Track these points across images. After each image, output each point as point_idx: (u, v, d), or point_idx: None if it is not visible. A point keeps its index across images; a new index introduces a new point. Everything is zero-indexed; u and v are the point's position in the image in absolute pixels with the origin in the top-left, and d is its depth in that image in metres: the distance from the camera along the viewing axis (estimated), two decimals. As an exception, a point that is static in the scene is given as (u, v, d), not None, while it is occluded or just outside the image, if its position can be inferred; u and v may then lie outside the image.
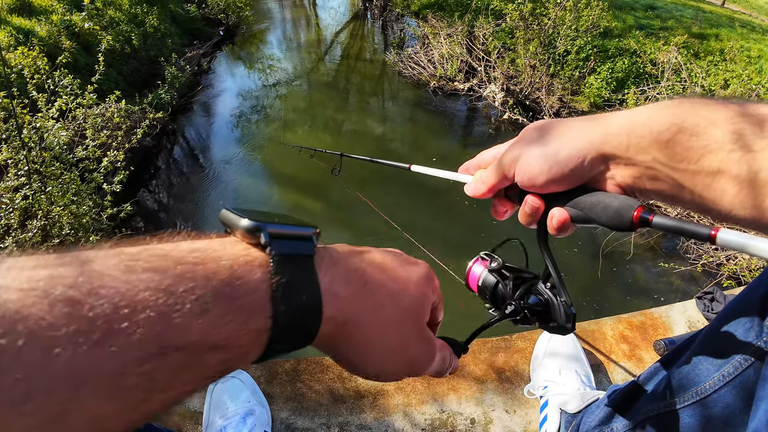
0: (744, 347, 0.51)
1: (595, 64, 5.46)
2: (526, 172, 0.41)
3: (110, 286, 0.20)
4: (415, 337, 0.34)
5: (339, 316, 0.28)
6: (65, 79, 3.10)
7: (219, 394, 0.93)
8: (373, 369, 0.33)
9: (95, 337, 0.18)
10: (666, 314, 1.23)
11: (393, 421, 0.96)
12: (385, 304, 0.31)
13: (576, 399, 0.88)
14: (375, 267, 0.32)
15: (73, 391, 0.18)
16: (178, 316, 0.21)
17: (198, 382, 0.22)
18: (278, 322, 0.25)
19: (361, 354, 0.31)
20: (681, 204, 0.38)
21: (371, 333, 0.31)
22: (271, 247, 0.26)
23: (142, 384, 0.20)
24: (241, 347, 0.23)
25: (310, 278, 0.27)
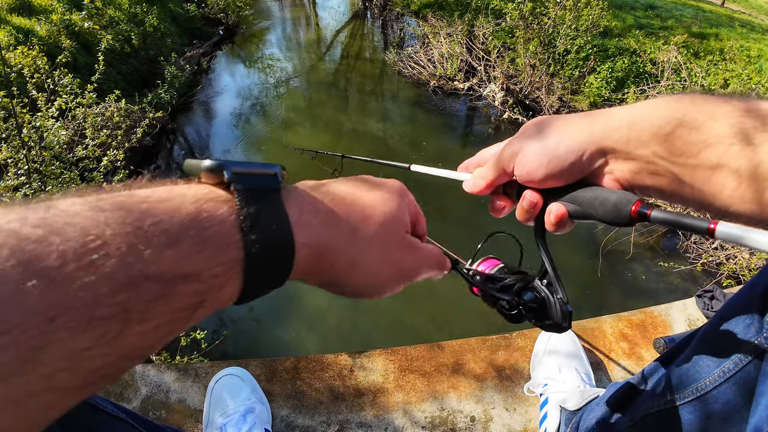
0: (744, 344, 0.51)
1: (595, 63, 5.46)
2: (525, 166, 0.41)
3: (78, 222, 0.20)
4: (398, 247, 0.35)
5: (312, 244, 0.29)
6: (65, 79, 3.10)
7: (219, 391, 0.93)
8: (369, 287, 0.34)
9: (67, 270, 0.19)
10: (666, 312, 1.23)
11: (393, 418, 0.96)
12: (358, 224, 0.32)
13: (576, 396, 0.88)
14: (342, 194, 0.33)
15: (47, 322, 0.18)
16: (146, 248, 0.21)
17: (173, 315, 0.22)
18: (250, 251, 0.25)
19: (351, 276, 0.32)
20: (680, 200, 0.38)
21: (352, 254, 0.31)
22: (235, 182, 0.26)
23: (117, 314, 0.20)
24: (215, 278, 0.23)
25: (278, 208, 0.27)
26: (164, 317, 0.22)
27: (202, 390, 0.99)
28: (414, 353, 1.09)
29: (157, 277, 0.21)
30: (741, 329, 0.51)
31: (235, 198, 0.25)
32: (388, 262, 0.34)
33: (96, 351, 0.19)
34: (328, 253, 0.30)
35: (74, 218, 0.20)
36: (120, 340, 0.20)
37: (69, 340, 0.18)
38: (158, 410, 0.96)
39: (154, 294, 0.21)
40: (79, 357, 0.19)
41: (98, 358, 0.20)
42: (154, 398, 0.98)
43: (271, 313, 2.97)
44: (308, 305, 3.06)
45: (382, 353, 1.09)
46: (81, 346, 0.19)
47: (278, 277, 0.28)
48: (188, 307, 0.23)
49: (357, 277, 0.33)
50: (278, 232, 0.26)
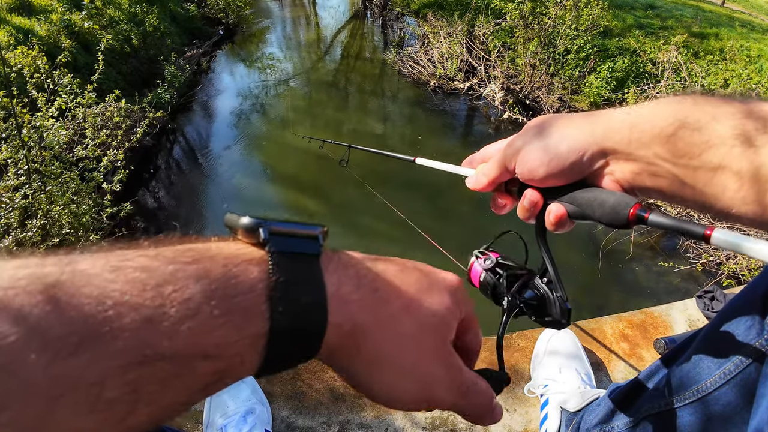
0: (745, 345, 0.51)
1: (595, 63, 5.46)
2: (526, 165, 0.41)
3: (95, 285, 0.18)
4: (432, 357, 0.29)
5: (346, 324, 0.25)
6: (65, 79, 3.10)
7: (219, 392, 0.93)
8: (384, 390, 0.28)
9: (75, 342, 0.17)
10: (666, 313, 1.23)
11: (393, 419, 0.96)
12: (398, 315, 0.27)
13: (576, 397, 0.88)
14: (391, 274, 0.29)
15: (51, 402, 0.16)
16: (164, 320, 0.19)
17: (188, 396, 0.20)
18: (276, 325, 0.22)
19: (370, 371, 0.27)
20: (682, 201, 0.38)
21: (381, 347, 0.27)
22: (271, 243, 0.24)
23: (125, 396, 0.18)
24: (236, 356, 0.21)
25: (314, 278, 0.24)
26: (177, 399, 0.20)
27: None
28: (414, 354, 1.09)
29: (172, 356, 0.19)
30: (742, 331, 0.51)
31: (268, 260, 0.23)
32: (413, 370, 0.28)
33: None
34: (359, 336, 0.26)
35: (92, 280, 0.18)
36: (127, 423, 0.18)
37: (73, 420, 0.17)
38: (158, 411, 0.96)
39: (168, 374, 0.19)
40: None
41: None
42: (154, 399, 0.98)
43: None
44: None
45: (382, 354, 1.09)
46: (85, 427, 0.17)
47: (303, 355, 0.24)
48: (204, 388, 0.21)
49: (377, 374, 0.27)
50: (310, 305, 0.23)
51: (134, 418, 0.19)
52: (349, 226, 3.75)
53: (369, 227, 3.69)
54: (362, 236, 3.61)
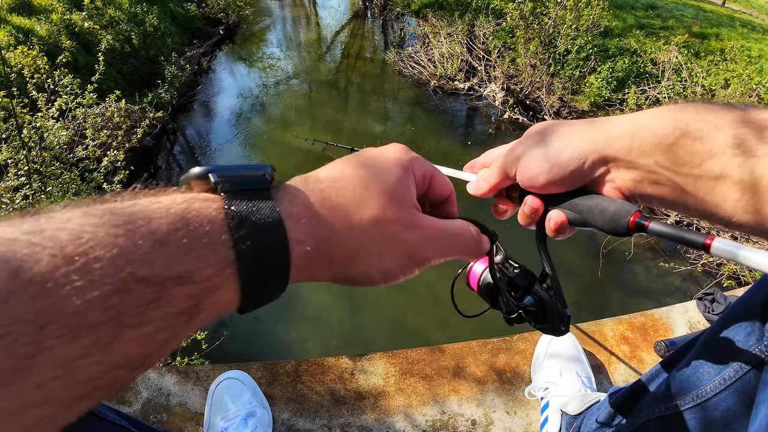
0: (745, 351, 0.51)
1: (596, 63, 5.46)
2: (527, 172, 0.41)
3: (70, 228, 0.20)
4: (402, 226, 0.31)
5: (308, 239, 0.27)
6: (65, 79, 3.10)
7: (220, 395, 0.94)
8: (376, 274, 0.31)
9: (57, 275, 0.18)
10: (667, 315, 1.23)
11: (394, 422, 0.97)
12: (350, 211, 0.29)
13: (577, 400, 0.88)
14: (332, 179, 0.31)
15: (38, 330, 0.17)
16: (136, 249, 0.21)
17: (168, 321, 0.21)
18: (240, 249, 0.24)
19: (354, 267, 0.30)
20: (683, 210, 0.38)
21: (350, 243, 0.29)
22: (221, 185, 0.26)
23: (109, 320, 0.19)
24: (207, 279, 0.23)
25: (266, 206, 0.26)
26: (158, 322, 0.21)
27: (203, 393, 0.99)
28: (415, 356, 1.10)
29: (147, 279, 0.21)
30: (741, 337, 0.52)
31: (222, 198, 0.25)
32: (390, 245, 0.31)
33: (90, 359, 0.19)
34: (326, 244, 0.28)
35: (66, 224, 0.20)
36: (114, 348, 0.20)
37: (60, 347, 0.18)
38: (159, 413, 0.96)
39: (146, 297, 0.21)
40: (73, 365, 0.18)
41: (92, 366, 0.19)
42: (154, 401, 0.98)
43: (271, 315, 2.98)
44: (308, 307, 3.07)
45: (382, 356, 1.09)
46: (73, 354, 0.18)
47: (277, 277, 0.26)
48: (182, 312, 0.22)
49: (361, 267, 0.30)
50: (268, 228, 0.25)
51: (121, 344, 0.20)
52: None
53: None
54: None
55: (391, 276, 0.32)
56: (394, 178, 0.32)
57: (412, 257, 0.32)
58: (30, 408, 0.18)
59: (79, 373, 0.19)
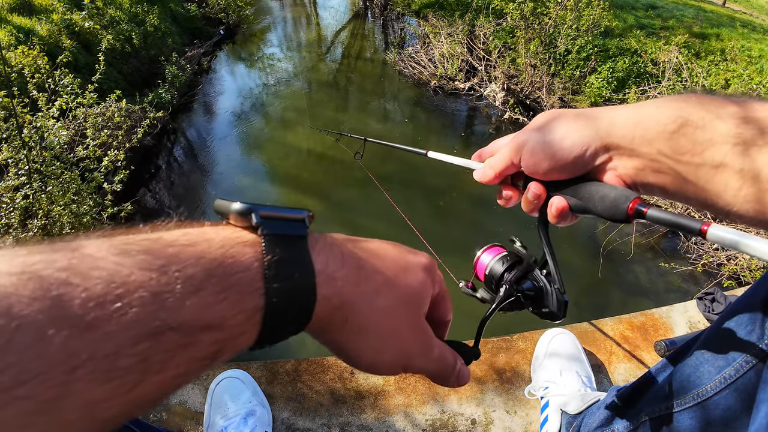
0: (745, 350, 0.51)
1: (596, 63, 5.45)
2: (530, 159, 0.41)
3: (103, 267, 0.20)
4: (408, 326, 0.32)
5: (334, 298, 0.27)
6: (66, 79, 3.10)
7: (220, 394, 0.93)
8: (368, 357, 0.31)
9: (89, 319, 0.18)
10: (667, 315, 1.23)
11: (394, 421, 0.97)
12: (380, 289, 0.30)
13: (577, 400, 0.88)
14: (371, 253, 0.32)
15: (68, 373, 0.17)
16: (170, 296, 0.21)
17: (192, 365, 0.22)
18: (271, 300, 0.24)
19: (356, 341, 0.30)
20: (684, 199, 0.38)
21: (366, 318, 0.30)
22: (263, 227, 0.25)
23: (137, 365, 0.19)
24: (235, 327, 0.23)
25: (303, 257, 0.26)
26: (183, 367, 0.21)
27: (203, 392, 0.99)
28: (414, 355, 1.09)
29: (178, 327, 0.21)
30: (742, 335, 0.52)
31: (261, 242, 0.25)
32: (396, 337, 0.32)
33: (113, 402, 0.19)
34: (346, 309, 0.29)
35: (100, 263, 0.20)
36: (138, 391, 0.20)
37: (88, 391, 0.18)
38: (159, 412, 0.96)
39: (175, 344, 0.21)
40: (97, 408, 0.18)
41: (115, 408, 0.19)
42: (154, 400, 0.98)
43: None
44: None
45: (382, 355, 1.09)
46: (99, 397, 0.18)
47: (296, 327, 0.27)
48: (207, 357, 0.22)
49: (362, 342, 0.31)
50: (301, 281, 0.26)
51: (144, 387, 0.20)
52: (349, 225, 3.75)
53: (369, 227, 3.69)
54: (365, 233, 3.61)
55: (379, 363, 0.32)
56: (420, 282, 0.33)
57: (406, 357, 0.33)
58: None
59: (100, 414, 0.19)
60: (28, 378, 0.16)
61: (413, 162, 4.26)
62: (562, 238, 3.63)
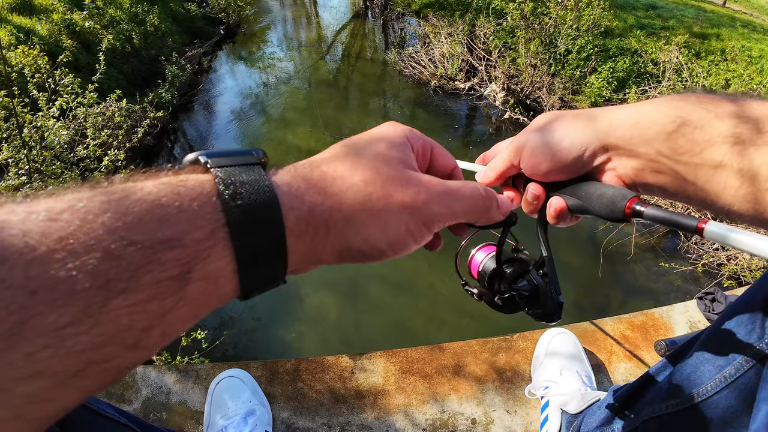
0: (745, 349, 0.51)
1: (596, 63, 5.45)
2: (530, 160, 0.42)
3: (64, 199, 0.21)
4: (396, 184, 0.29)
5: (300, 205, 0.26)
6: (66, 78, 3.10)
7: (220, 393, 0.93)
8: (381, 240, 0.29)
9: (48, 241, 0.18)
10: (667, 315, 1.23)
11: (394, 420, 0.97)
12: (342, 173, 0.29)
13: (577, 399, 0.88)
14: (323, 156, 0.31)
15: (28, 296, 0.17)
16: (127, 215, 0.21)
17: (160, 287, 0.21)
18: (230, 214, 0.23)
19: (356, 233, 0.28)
20: (684, 199, 0.38)
21: (345, 204, 0.28)
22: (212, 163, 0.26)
23: (98, 285, 0.19)
24: (198, 243, 0.22)
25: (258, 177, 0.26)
26: (149, 290, 0.21)
27: (203, 391, 0.99)
28: (415, 355, 1.09)
29: (137, 243, 0.20)
30: (743, 334, 0.52)
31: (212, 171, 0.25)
32: (389, 204, 0.29)
33: (80, 328, 0.18)
34: (319, 210, 0.27)
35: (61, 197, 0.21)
36: (104, 316, 0.19)
37: (50, 313, 0.18)
38: (159, 412, 0.96)
39: (136, 262, 0.20)
40: (62, 334, 0.18)
41: (82, 336, 0.19)
42: (154, 400, 0.98)
43: (271, 314, 2.98)
44: (308, 306, 3.07)
45: (382, 355, 1.09)
46: (63, 321, 0.18)
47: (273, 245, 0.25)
48: (173, 278, 0.21)
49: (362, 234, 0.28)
50: (257, 189, 0.25)
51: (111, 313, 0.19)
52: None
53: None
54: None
55: (398, 240, 0.30)
56: (386, 144, 0.32)
57: (415, 214, 0.30)
58: (18, 382, 0.17)
59: (68, 343, 0.18)
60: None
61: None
62: (562, 238, 3.63)
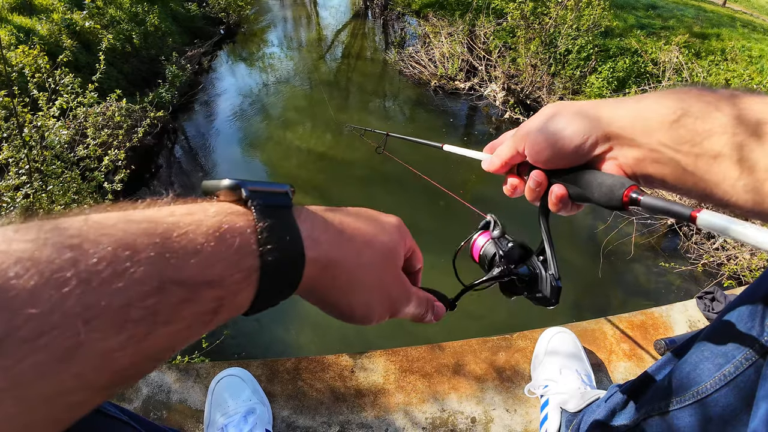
0: (745, 347, 0.51)
1: (596, 63, 5.45)
2: (533, 147, 0.43)
3: (111, 233, 0.22)
4: (391, 278, 0.37)
5: (321, 258, 0.30)
6: (66, 78, 3.10)
7: (220, 392, 0.94)
8: (359, 310, 0.35)
9: (103, 276, 0.20)
10: (667, 314, 1.23)
11: (394, 419, 0.97)
12: (361, 248, 0.34)
13: (576, 398, 0.88)
14: (350, 218, 0.35)
15: (84, 324, 0.19)
16: (173, 256, 0.23)
17: (195, 319, 0.24)
18: (266, 260, 0.27)
19: (346, 295, 0.34)
20: (684, 191, 0.38)
21: (352, 275, 0.33)
22: (252, 198, 0.28)
23: (147, 317, 0.21)
24: (233, 285, 0.25)
25: (291, 223, 0.29)
26: (188, 321, 0.23)
27: (203, 390, 0.99)
28: (415, 354, 1.10)
29: (183, 283, 0.23)
30: (742, 332, 0.52)
31: (252, 212, 0.28)
32: (381, 288, 0.36)
33: (125, 352, 0.21)
34: (333, 269, 0.32)
35: (108, 229, 0.22)
36: (147, 342, 0.22)
37: (102, 341, 0.20)
38: (159, 410, 0.96)
39: (180, 298, 0.23)
40: (110, 357, 0.20)
41: (126, 358, 0.21)
42: (155, 398, 0.98)
43: (271, 314, 2.98)
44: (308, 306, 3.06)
45: (382, 354, 1.09)
46: (112, 347, 0.20)
47: (288, 287, 0.29)
48: (209, 312, 0.24)
49: (352, 297, 0.34)
50: (290, 245, 0.28)
51: (154, 339, 0.22)
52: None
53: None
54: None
55: (369, 313, 0.36)
56: (394, 239, 0.38)
57: (391, 304, 0.37)
58: (63, 395, 0.19)
59: (114, 364, 0.21)
60: (48, 329, 0.18)
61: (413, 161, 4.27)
62: (562, 237, 3.63)
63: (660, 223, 3.86)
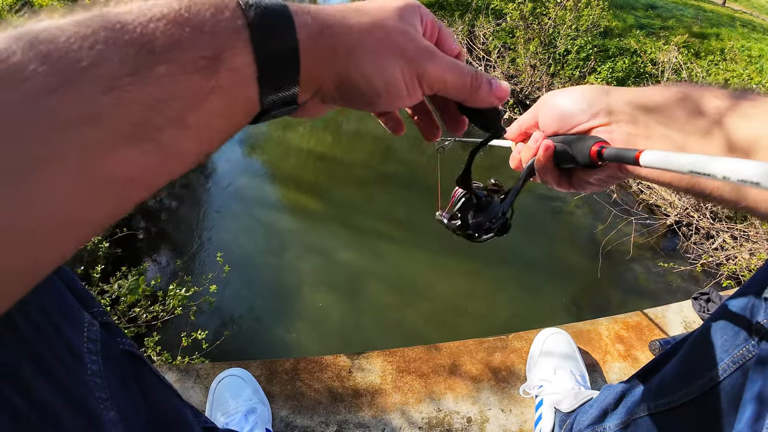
0: (732, 350, 0.52)
1: (596, 63, 5.46)
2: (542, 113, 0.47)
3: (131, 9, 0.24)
4: (401, 33, 0.32)
5: (312, 24, 0.28)
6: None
7: (221, 392, 0.95)
8: (377, 77, 0.31)
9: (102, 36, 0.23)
10: (662, 315, 1.24)
11: (391, 419, 0.98)
12: (351, 13, 0.31)
13: (570, 398, 0.90)
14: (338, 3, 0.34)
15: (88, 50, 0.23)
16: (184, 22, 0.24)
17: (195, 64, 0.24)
18: (252, 21, 0.26)
19: (355, 65, 0.30)
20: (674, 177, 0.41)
21: (351, 36, 0.30)
22: None
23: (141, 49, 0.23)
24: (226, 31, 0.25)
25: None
26: (188, 65, 0.24)
27: (204, 391, 1.00)
28: (412, 354, 1.11)
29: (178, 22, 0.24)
30: (731, 335, 0.53)
31: None
32: (388, 47, 0.31)
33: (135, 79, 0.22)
34: (328, 33, 0.29)
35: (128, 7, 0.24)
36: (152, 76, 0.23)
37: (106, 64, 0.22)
38: (159, 411, 0.97)
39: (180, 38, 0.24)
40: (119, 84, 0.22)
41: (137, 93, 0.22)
42: (155, 399, 0.99)
43: (271, 314, 2.99)
44: (308, 305, 3.08)
45: (380, 354, 1.11)
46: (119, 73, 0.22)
47: (288, 58, 0.28)
48: (208, 59, 0.24)
49: (360, 67, 0.30)
50: (276, 7, 0.27)
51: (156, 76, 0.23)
52: (353, 225, 3.77)
53: (371, 226, 3.70)
54: (365, 234, 3.62)
55: (393, 84, 0.31)
56: (396, 4, 0.33)
57: (411, 64, 0.32)
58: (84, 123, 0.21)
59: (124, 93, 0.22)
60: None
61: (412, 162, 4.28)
62: (561, 237, 3.64)
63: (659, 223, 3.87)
